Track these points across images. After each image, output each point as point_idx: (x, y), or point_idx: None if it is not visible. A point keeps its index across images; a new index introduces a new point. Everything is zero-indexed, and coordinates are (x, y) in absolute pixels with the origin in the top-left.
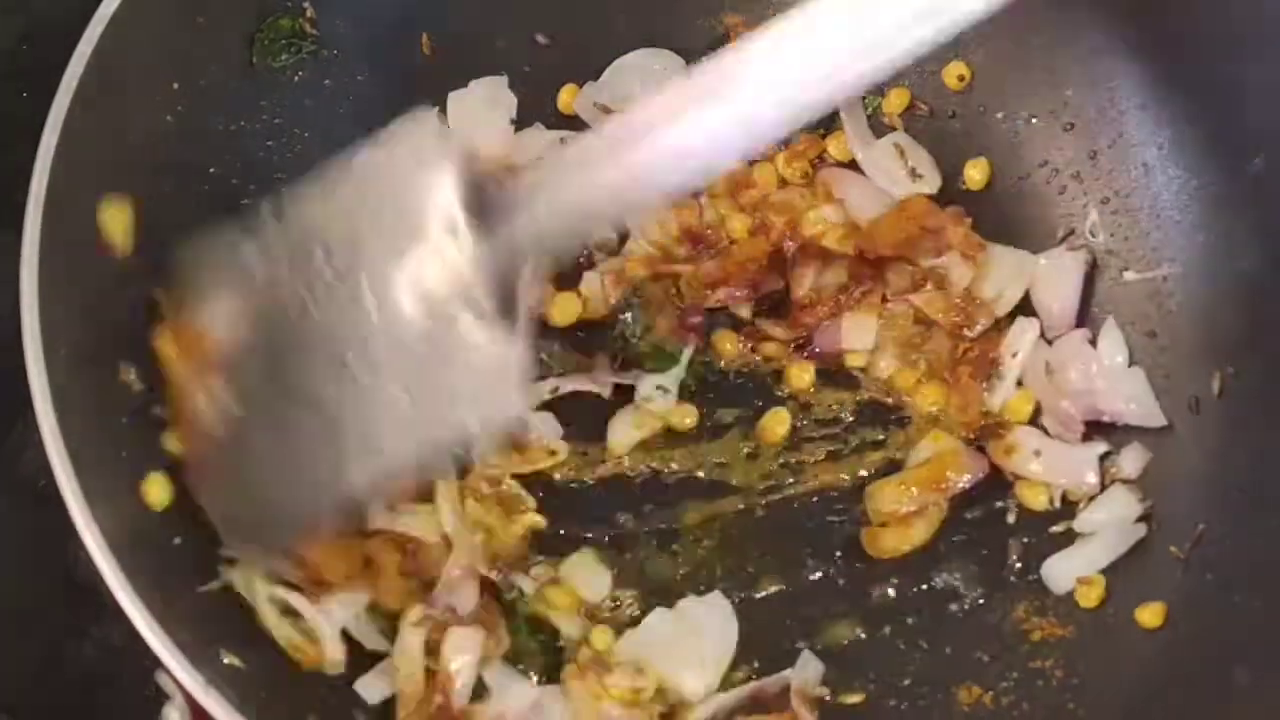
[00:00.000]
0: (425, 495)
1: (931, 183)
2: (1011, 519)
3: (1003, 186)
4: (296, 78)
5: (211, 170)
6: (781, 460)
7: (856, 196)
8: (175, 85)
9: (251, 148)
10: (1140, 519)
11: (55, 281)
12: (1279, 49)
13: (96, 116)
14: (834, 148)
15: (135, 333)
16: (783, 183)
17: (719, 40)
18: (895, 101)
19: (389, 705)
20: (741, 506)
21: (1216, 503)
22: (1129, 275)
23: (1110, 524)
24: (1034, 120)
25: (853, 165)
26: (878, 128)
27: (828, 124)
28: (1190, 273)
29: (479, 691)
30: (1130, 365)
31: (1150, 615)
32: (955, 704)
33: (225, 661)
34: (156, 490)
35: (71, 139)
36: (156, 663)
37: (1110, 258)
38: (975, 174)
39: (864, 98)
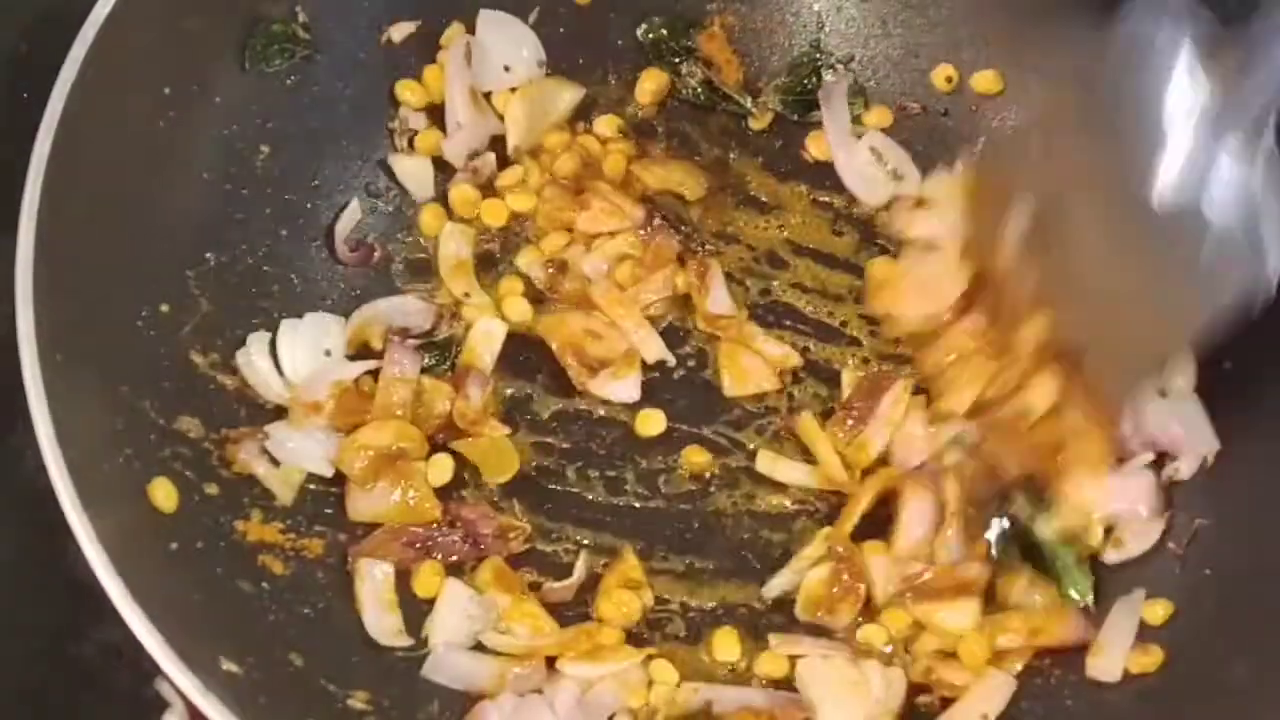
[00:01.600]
0: None
1: (912, 183)
2: None
3: None
4: (289, 81)
5: (205, 175)
6: None
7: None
8: (168, 89)
9: (245, 151)
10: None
11: (51, 284)
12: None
13: (91, 120)
14: (814, 146)
15: (134, 336)
16: None
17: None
18: (876, 117)
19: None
20: None
21: (1214, 499)
22: None
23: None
24: None
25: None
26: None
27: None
28: None
29: None
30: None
31: (1150, 612)
32: None
33: (224, 667)
34: (163, 494)
35: (66, 142)
36: (156, 668)
37: None
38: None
39: (850, 102)
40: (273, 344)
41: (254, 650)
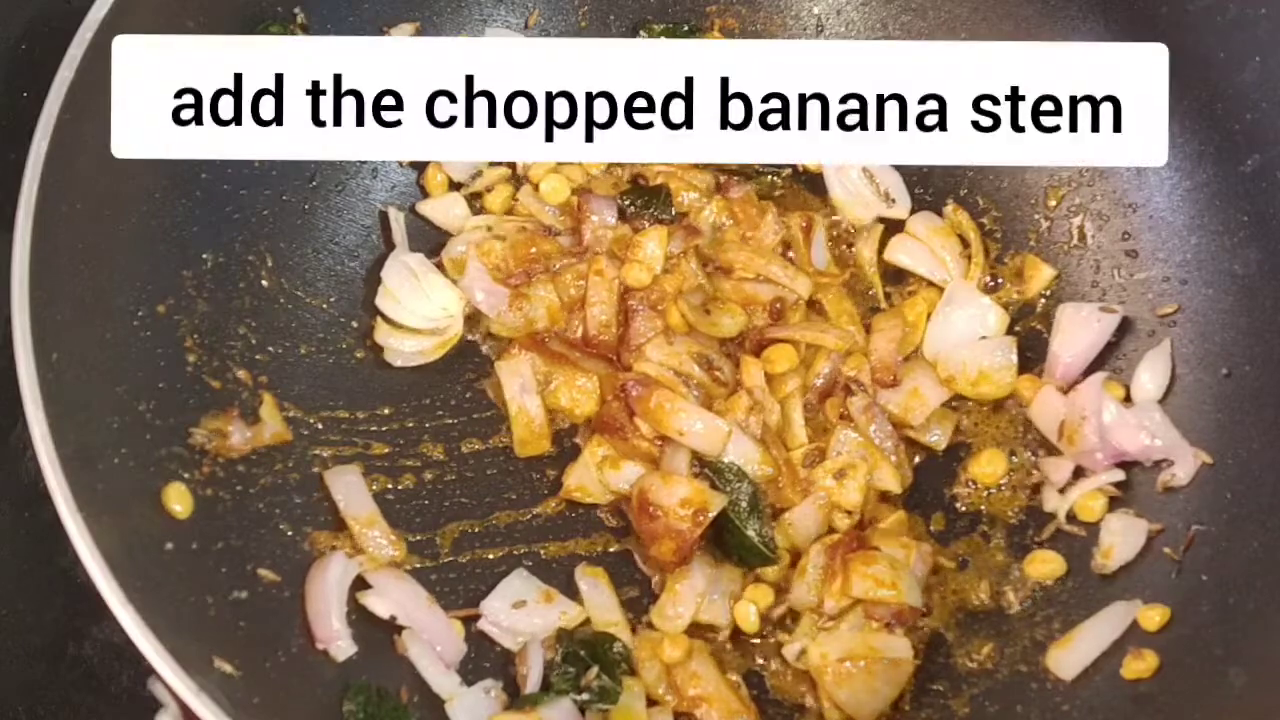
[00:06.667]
0: None
1: (903, 206)
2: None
3: (995, 188)
4: None
5: (203, 175)
6: None
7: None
8: None
9: None
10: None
11: (47, 283)
12: (1273, 50)
13: (88, 120)
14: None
15: (131, 336)
16: None
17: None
18: None
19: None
20: None
21: (1210, 505)
22: (1122, 277)
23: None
24: None
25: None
26: None
27: None
28: (1184, 275)
29: None
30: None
31: (1146, 617)
32: (952, 706)
33: (218, 668)
34: (176, 499)
35: (63, 142)
36: (152, 669)
37: (1103, 260)
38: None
39: None
40: None
41: (248, 651)
